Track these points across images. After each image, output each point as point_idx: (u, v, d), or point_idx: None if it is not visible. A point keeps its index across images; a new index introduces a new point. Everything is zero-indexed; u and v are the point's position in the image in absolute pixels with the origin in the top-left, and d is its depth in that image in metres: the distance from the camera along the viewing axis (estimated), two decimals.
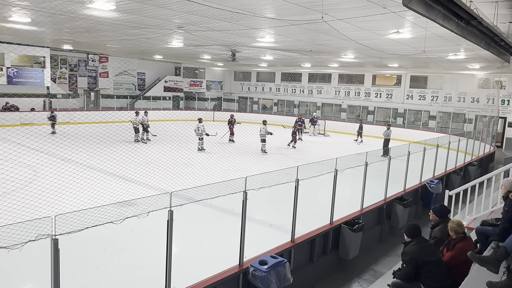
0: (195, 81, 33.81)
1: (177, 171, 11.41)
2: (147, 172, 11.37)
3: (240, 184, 5.20)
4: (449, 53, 15.73)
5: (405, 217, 9.17)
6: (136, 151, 13.17)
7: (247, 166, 11.75)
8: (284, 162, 12.89)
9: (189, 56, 24.44)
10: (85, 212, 3.47)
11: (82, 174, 10.94)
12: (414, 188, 10.39)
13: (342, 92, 29.55)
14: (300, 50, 17.86)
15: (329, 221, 7.18)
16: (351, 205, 8.14)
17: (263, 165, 11.88)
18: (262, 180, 5.62)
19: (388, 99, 27.29)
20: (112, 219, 3.72)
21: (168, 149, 15.33)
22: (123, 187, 9.29)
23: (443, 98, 24.85)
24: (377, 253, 8.02)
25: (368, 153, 8.20)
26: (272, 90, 33.50)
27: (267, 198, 9.33)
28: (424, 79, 25.95)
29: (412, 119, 26.53)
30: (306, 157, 15.35)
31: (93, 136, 15.39)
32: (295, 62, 25.58)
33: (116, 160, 11.57)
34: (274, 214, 8.89)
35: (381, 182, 9.02)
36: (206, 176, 10.15)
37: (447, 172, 12.47)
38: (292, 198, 6.21)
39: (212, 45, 18.01)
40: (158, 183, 10.28)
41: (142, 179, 10.77)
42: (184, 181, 9.60)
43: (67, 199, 7.93)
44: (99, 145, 14.20)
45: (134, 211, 4.02)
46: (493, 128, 20.03)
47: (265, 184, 5.66)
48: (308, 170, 6.42)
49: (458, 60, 17.42)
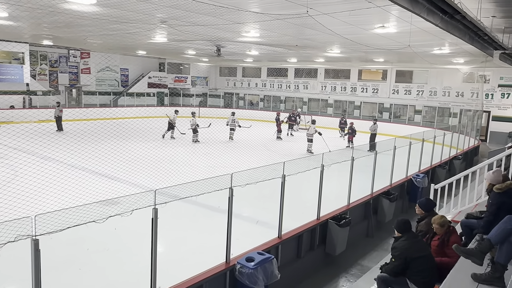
0: (180, 77, 33.59)
1: (162, 168, 11.33)
2: (131, 170, 11.26)
3: (226, 181, 5.19)
4: (434, 48, 15.93)
5: (392, 211, 9.30)
6: (120, 148, 13.03)
7: (233, 163, 11.73)
8: (270, 158, 12.91)
9: (173, 51, 24.22)
10: (67, 212, 3.42)
11: (64, 172, 10.76)
12: (400, 183, 10.53)
13: (329, 87, 29.71)
14: (286, 45, 17.86)
15: (316, 217, 7.23)
16: (338, 200, 8.21)
17: (250, 161, 11.87)
18: (248, 177, 5.61)
19: (374, 94, 27.56)
20: (95, 218, 3.67)
21: (153, 146, 15.21)
22: (106, 186, 9.19)
23: (428, 92, 25.22)
24: (364, 248, 8.11)
25: (354, 148, 8.26)
26: (258, 86, 33.48)
27: (253, 195, 9.32)
28: (410, 74, 26.27)
29: (398, 114, 26.86)
30: (292, 153, 15.40)
31: (74, 134, 15.16)
32: (281, 57, 25.59)
33: (99, 158, 11.43)
34: (260, 210, 8.91)
35: (368, 177, 9.12)
36: (191, 173, 10.10)
37: (432, 166, 12.68)
38: (279, 194, 6.22)
39: (196, 40, 17.87)
40: (142, 181, 10.20)
41: (126, 177, 10.66)
42: (169, 178, 9.54)
43: (48, 199, 7.80)
44: (81, 143, 14.00)
45: (118, 209, 3.98)
46: (477, 122, 20.40)
47: (252, 181, 5.65)
48: (295, 165, 6.44)
49: (443, 54, 17.67)
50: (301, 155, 14.86)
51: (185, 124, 18.90)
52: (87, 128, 17.94)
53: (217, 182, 5.11)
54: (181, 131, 18.88)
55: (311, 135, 16.72)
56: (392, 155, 9.93)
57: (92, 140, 16.37)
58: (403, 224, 4.80)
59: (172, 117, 19.34)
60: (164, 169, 11.10)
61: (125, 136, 15.51)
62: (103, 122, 21.76)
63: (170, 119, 19.17)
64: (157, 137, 17.04)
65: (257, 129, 17.78)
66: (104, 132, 16.98)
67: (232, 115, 20.01)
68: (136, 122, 19.32)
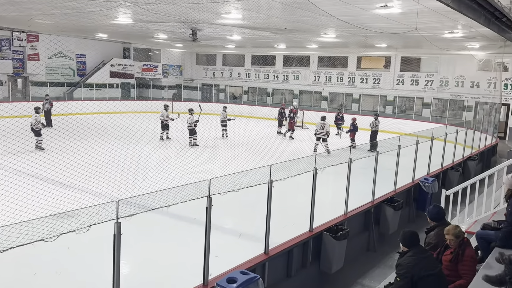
0: (149, 65, 33.37)
1: (127, 173, 11.22)
2: (91, 175, 11.11)
3: (203, 188, 5.19)
4: (445, 31, 16.17)
5: (396, 221, 9.40)
6: (77, 150, 12.85)
7: (212, 166, 11.70)
8: (254, 161, 12.89)
9: (140, 34, 24.01)
10: (9, 229, 3.35)
11: (7, 180, 10.55)
12: (406, 188, 10.65)
13: (323, 78, 29.91)
14: (273, 28, 17.89)
15: (309, 228, 7.26)
16: (334, 209, 8.26)
17: (231, 164, 11.86)
18: (229, 183, 5.62)
19: (375, 85, 27.85)
20: (44, 236, 3.62)
21: (116, 147, 15.04)
22: (58, 196, 9.03)
23: (438, 82, 25.61)
24: (364, 265, 8.17)
25: (352, 148, 8.33)
26: (241, 76, 33.50)
27: (236, 204, 9.32)
28: (417, 61, 26.63)
29: (403, 108, 27.19)
30: (280, 154, 15.43)
31: (20, 133, 14.88)
32: (268, 42, 25.61)
33: (50, 162, 11.25)
34: (244, 222, 8.92)
35: (368, 181, 9.20)
36: (163, 179, 10.02)
37: (443, 169, 12.86)
38: (265, 202, 6.23)
39: (168, 22, 17.75)
40: (103, 189, 10.07)
41: (83, 185, 10.52)
42: (136, 185, 9.46)
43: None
44: (27, 144, 13.76)
45: (72, 224, 3.93)
46: (495, 116, 20.79)
47: (233, 187, 5.67)
48: (283, 169, 6.47)
49: (455, 38, 17.95)
50: (292, 156, 14.92)
51: (180, 124, 18.78)
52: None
53: (193, 190, 5.11)
54: (172, 117, 19.10)
55: (325, 133, 17.40)
56: (396, 155, 10.04)
57: (43, 140, 16.11)
58: (410, 237, 4.83)
59: (161, 114, 19.44)
60: (130, 175, 10.99)
61: (82, 135, 15.29)
62: (55, 119, 21.45)
63: (163, 118, 19.23)
64: (120, 136, 16.90)
65: (244, 126, 17.79)
66: (57, 130, 16.74)
67: (224, 110, 21.02)
68: (96, 118, 19.06)
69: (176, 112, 21.53)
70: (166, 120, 19.13)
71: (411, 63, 26.83)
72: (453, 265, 5.02)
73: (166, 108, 19.65)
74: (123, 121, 17.92)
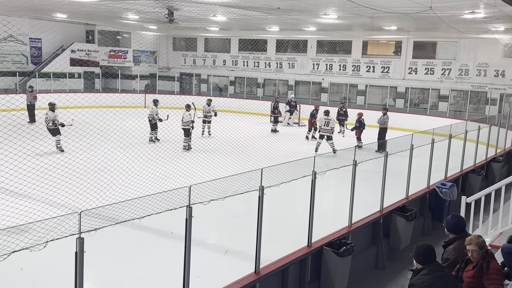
0: (117, 51, 33.23)
1: (93, 180, 11.16)
2: (48, 182, 11.02)
3: (182, 196, 5.18)
4: (465, 11, 16.28)
5: (409, 234, 9.45)
6: (32, 152, 12.74)
7: (192, 170, 11.68)
8: (243, 164, 12.90)
9: (106, 14, 23.87)
10: None
11: None
12: (421, 195, 10.71)
13: (323, 66, 30.03)
14: (264, 7, 17.90)
15: (307, 243, 7.26)
16: (336, 220, 8.29)
17: (214, 168, 11.84)
18: (213, 190, 5.62)
19: (384, 74, 28.02)
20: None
21: (79, 149, 14.95)
22: (10, 207, 8.95)
23: (457, 71, 25.80)
24: (372, 285, 8.22)
25: (358, 148, 8.36)
26: (227, 64, 33.50)
27: (221, 215, 9.32)
28: (432, 47, 26.82)
29: (416, 101, 27.37)
30: (273, 156, 15.44)
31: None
32: (258, 24, 25.61)
33: (1, 167, 11.16)
34: (231, 236, 8.92)
35: (376, 187, 9.24)
36: (134, 187, 9.99)
37: (463, 172, 12.96)
38: (256, 213, 6.24)
39: (139, 0, 17.70)
40: (64, 199, 9.99)
41: (40, 194, 10.42)
42: (103, 194, 9.41)
43: None
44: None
45: (26, 241, 3.90)
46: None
47: (218, 195, 5.66)
48: (277, 173, 6.48)
49: (476, 19, 18.08)
50: (288, 158, 14.94)
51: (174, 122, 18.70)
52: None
53: (169, 198, 5.10)
54: (161, 116, 19.04)
55: (329, 130, 17.67)
56: (408, 157, 10.10)
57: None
58: (425, 252, 4.84)
59: (151, 110, 19.50)
60: (95, 182, 10.93)
61: (37, 134, 15.16)
62: (5, 115, 21.21)
63: (153, 116, 19.29)
64: (84, 136, 16.78)
65: (230, 123, 17.78)
66: (8, 128, 16.52)
67: (208, 104, 21.12)
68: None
69: (160, 107, 21.43)
70: (156, 118, 19.14)
71: (426, 49, 27.02)
72: (476, 281, 5.02)
73: (156, 104, 19.57)
74: (87, 117, 17.80)
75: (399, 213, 9.34)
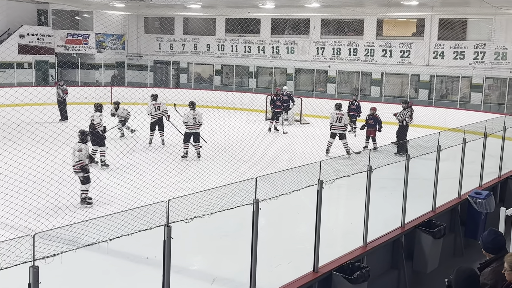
0: (76, 35, 33.21)
1: (49, 195, 11.09)
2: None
3: (159, 213, 5.19)
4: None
5: (437, 254, 9.46)
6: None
7: (170, 181, 11.68)
8: (234, 172, 12.90)
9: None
10: None
11: None
12: (450, 207, 10.75)
13: (329, 50, 30.05)
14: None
15: (313, 268, 7.27)
16: (348, 239, 8.31)
17: (198, 178, 11.84)
18: (197, 204, 5.63)
19: (403, 60, 28.07)
20: None
21: (33, 157, 14.87)
22: None
23: (493, 55, 25.84)
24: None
25: (372, 150, 8.38)
26: (211, 50, 33.50)
27: (207, 234, 9.30)
28: (462, 25, 26.93)
29: (443, 92, 27.44)
30: (271, 161, 15.45)
31: None
32: (249, 0, 25.61)
33: None
34: (219, 260, 8.91)
35: (396, 198, 9.26)
36: (101, 202, 9.97)
37: (502, 178, 13.00)
38: (249, 232, 6.25)
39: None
40: (15, 218, 9.95)
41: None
42: (62, 212, 9.37)
43: None
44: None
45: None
46: None
47: (202, 211, 5.66)
48: (275, 183, 6.50)
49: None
50: (289, 163, 14.94)
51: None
52: None
53: (144, 216, 5.11)
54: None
55: (343, 128, 17.86)
56: (434, 160, 10.13)
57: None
58: (466, 279, 4.84)
59: (150, 106, 19.73)
60: (52, 197, 10.85)
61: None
62: None
63: (151, 112, 19.55)
64: (37, 141, 16.71)
65: (216, 121, 17.72)
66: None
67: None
68: (0, 114, 18.83)
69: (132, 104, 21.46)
70: (157, 115, 19.41)
71: (454, 28, 27.11)
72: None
73: (156, 98, 19.87)
74: (40, 117, 17.75)
75: (424, 230, 9.35)
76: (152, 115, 19.34)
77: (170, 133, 18.57)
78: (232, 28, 32.76)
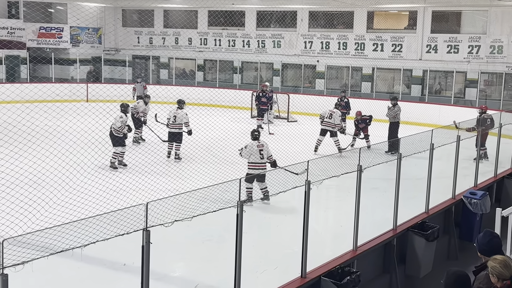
0: (49, 28, 33.12)
1: (19, 199, 11.01)
2: None
3: (137, 217, 5.18)
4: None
5: (431, 258, 9.51)
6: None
7: (150, 183, 11.63)
8: (217, 173, 12.89)
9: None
10: None
11: None
12: (444, 208, 10.81)
13: (317, 44, 30.13)
14: None
15: (300, 273, 7.28)
16: (337, 243, 8.32)
17: (179, 180, 11.82)
18: (177, 207, 5.62)
19: (395, 54, 28.22)
20: None
21: (1, 158, 14.80)
22: None
23: (488, 48, 26.00)
24: None
25: (362, 149, 8.39)
26: (193, 43, 33.52)
27: (188, 239, 9.28)
28: (456, 18, 27.10)
29: (436, 87, 27.58)
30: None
31: None
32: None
33: None
34: (202, 266, 8.89)
35: (388, 199, 9.29)
36: (74, 206, 9.91)
37: (498, 177, 13.08)
38: (233, 236, 6.24)
39: None
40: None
41: None
42: (33, 217, 9.31)
43: None
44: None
45: None
46: None
47: (184, 215, 5.64)
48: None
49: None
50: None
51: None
52: None
53: (121, 220, 5.10)
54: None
55: (333, 124, 18.02)
56: (428, 159, 10.17)
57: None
58: (456, 281, 4.88)
59: (142, 107, 19.75)
60: (22, 200, 10.78)
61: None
62: None
63: (139, 111, 19.60)
64: (6, 140, 16.63)
65: (199, 119, 17.69)
66: None
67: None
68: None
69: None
70: (141, 114, 19.56)
71: (448, 21, 27.27)
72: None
73: (147, 101, 20.16)
74: (9, 116, 17.65)
75: (417, 232, 9.40)
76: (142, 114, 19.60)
77: (150, 133, 18.52)
78: (215, 21, 32.81)
